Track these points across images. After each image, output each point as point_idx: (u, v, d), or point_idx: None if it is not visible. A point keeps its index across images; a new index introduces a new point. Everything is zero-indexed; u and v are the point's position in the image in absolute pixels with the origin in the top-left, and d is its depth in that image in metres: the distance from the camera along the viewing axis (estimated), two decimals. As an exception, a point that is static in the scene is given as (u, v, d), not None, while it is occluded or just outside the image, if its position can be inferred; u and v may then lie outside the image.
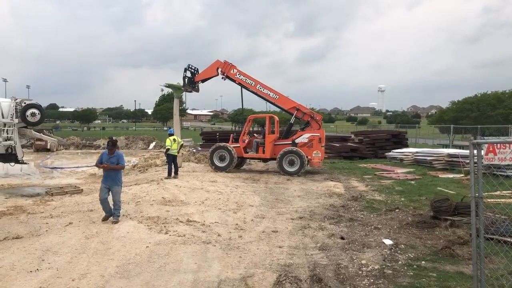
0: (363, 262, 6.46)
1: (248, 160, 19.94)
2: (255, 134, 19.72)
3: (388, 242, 7.49)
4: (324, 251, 7.07)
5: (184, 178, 15.10)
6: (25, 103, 19.25)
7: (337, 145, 25.61)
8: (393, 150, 22.89)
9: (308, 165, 17.39)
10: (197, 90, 20.29)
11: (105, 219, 9.00)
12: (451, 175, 15.87)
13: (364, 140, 25.93)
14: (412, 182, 14.58)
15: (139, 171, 19.57)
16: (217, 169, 17.80)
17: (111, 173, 9.07)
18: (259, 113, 24.67)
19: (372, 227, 8.62)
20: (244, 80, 18.53)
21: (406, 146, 25.59)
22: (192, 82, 19.41)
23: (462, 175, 15.47)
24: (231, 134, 20.24)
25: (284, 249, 7.19)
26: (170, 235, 7.94)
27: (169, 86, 20.05)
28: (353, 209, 10.46)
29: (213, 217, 9.50)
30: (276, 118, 19.00)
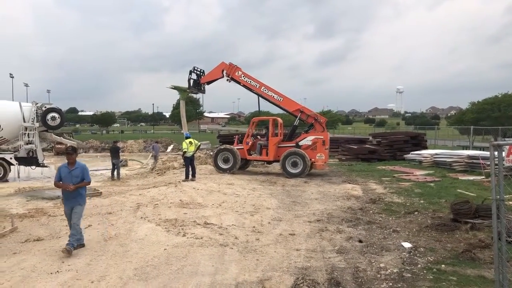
0: (382, 265, 6.38)
1: (254, 162, 20.02)
2: (258, 136, 19.75)
3: (407, 245, 7.39)
4: (342, 254, 7.01)
5: (202, 181, 15.17)
6: (45, 107, 19.66)
7: (355, 147, 25.42)
8: (412, 152, 22.61)
9: (312, 168, 17.39)
10: (203, 92, 20.59)
11: (75, 248, 7.11)
12: (471, 177, 15.59)
13: (382, 142, 25.66)
14: (432, 184, 14.37)
15: (157, 173, 19.73)
16: (221, 170, 17.92)
17: (74, 191, 7.25)
18: (267, 115, 24.62)
19: (391, 230, 8.51)
20: (249, 82, 18.63)
21: (425, 148, 25.23)
22: (197, 84, 19.62)
23: (483, 177, 15.19)
24: (236, 136, 20.35)
25: (302, 252, 7.15)
26: (187, 238, 7.98)
27: (175, 88, 20.24)
28: (371, 211, 10.36)
29: (230, 219, 9.51)
30: (280, 120, 19.02)
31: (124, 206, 11.09)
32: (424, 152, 22.05)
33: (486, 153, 17.66)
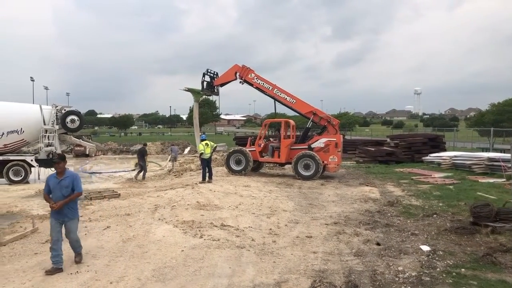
0: (400, 268, 6.32)
1: (270, 164, 20.04)
2: (270, 139, 19.74)
3: (425, 248, 7.31)
4: (359, 257, 6.96)
5: (218, 183, 15.22)
6: (65, 110, 19.97)
7: (372, 149, 25.22)
8: (430, 154, 22.34)
9: (325, 170, 17.32)
10: (217, 94, 20.86)
11: (51, 272, 6.27)
12: (491, 180, 15.33)
13: (400, 144, 25.41)
14: (451, 187, 14.18)
15: (175, 175, 19.87)
16: (233, 172, 18.01)
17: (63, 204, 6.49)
18: (283, 117, 24.63)
19: (409, 233, 8.42)
20: (262, 84, 18.68)
21: (444, 150, 24.89)
22: (211, 86, 19.79)
23: (504, 179, 14.93)
24: (249, 138, 20.41)
25: (319, 254, 7.13)
26: (204, 239, 8.02)
27: (189, 90, 20.41)
28: (389, 214, 10.27)
29: (247, 221, 9.53)
30: (292, 122, 18.99)
31: (142, 207, 11.20)
32: (442, 154, 21.77)
33: (507, 155, 17.36)
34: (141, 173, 19.66)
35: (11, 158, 18.60)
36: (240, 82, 19.09)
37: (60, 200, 6.49)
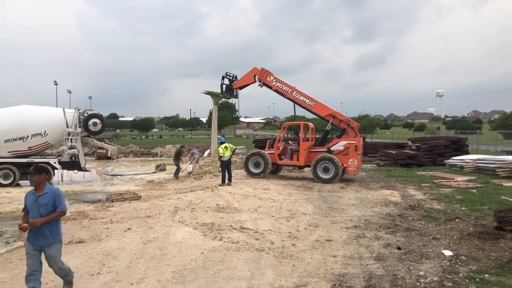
0: (421, 273, 6.22)
1: (289, 167, 19.98)
2: (289, 141, 19.70)
3: (447, 253, 7.18)
4: (380, 261, 6.88)
5: (237, 185, 15.26)
6: (87, 113, 20.32)
7: (394, 152, 24.94)
8: (453, 157, 21.95)
9: (344, 174, 17.18)
10: (236, 97, 20.99)
11: None
12: (516, 184, 14.99)
13: (421, 147, 25.05)
14: (474, 190, 13.91)
15: (194, 178, 20.00)
16: (252, 175, 18.02)
17: (42, 225, 5.33)
18: (302, 120, 24.54)
19: (431, 237, 8.29)
20: (281, 87, 18.65)
21: (467, 153, 24.44)
22: (230, 89, 19.87)
23: (529, 183, 14.57)
24: (268, 140, 20.41)
25: (339, 258, 7.08)
26: (224, 242, 8.05)
27: (208, 93, 20.53)
28: (410, 218, 10.13)
29: (266, 224, 9.53)
30: (311, 125, 18.90)
31: (163, 209, 11.30)
32: (465, 157, 21.37)
33: (533, 159, 16.95)
34: (179, 172, 20.91)
35: (35, 160, 18.98)
36: (259, 85, 19.13)
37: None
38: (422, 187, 15.19)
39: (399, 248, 7.57)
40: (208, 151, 36.96)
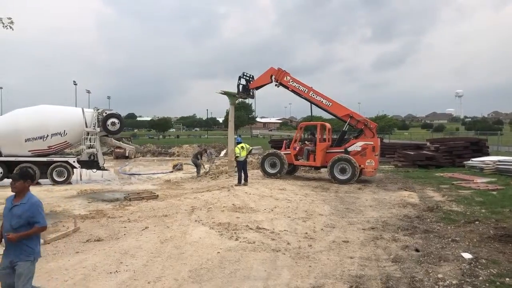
0: (440, 276, 6.13)
1: (306, 167, 19.91)
2: (306, 142, 19.60)
3: (467, 256, 7.06)
4: (397, 263, 6.81)
5: (254, 186, 15.27)
6: (106, 113, 20.58)
7: (412, 153, 24.65)
8: (472, 159, 21.62)
9: (362, 175, 17.04)
10: (252, 97, 21.05)
11: None
12: (538, 186, 14.68)
13: (440, 148, 24.71)
14: (494, 192, 13.67)
15: (211, 178, 20.08)
16: (268, 175, 17.98)
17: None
18: (319, 120, 24.36)
19: (449, 239, 8.16)
20: (297, 87, 18.59)
21: (487, 154, 24.02)
22: (246, 89, 19.89)
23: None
24: (284, 141, 20.38)
25: (355, 260, 7.03)
26: (240, 242, 8.06)
27: (224, 93, 20.60)
28: (428, 220, 9.99)
29: (282, 225, 9.51)
30: (328, 125, 18.80)
31: (179, 209, 11.37)
32: (485, 158, 21.02)
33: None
34: (201, 171, 21.52)
35: (55, 159, 19.32)
36: (276, 85, 19.12)
37: (8, 232, 4.66)
38: (441, 188, 14.99)
39: (417, 250, 7.48)
40: (224, 151, 37.11)
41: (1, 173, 18.63)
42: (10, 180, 4.96)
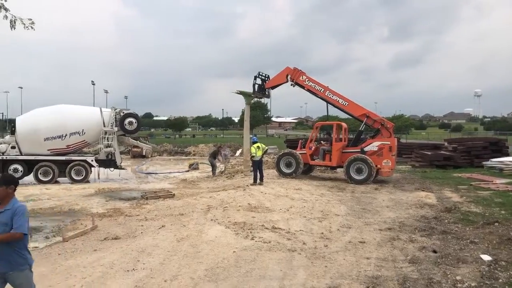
0: (458, 278, 6.06)
1: (322, 167, 19.84)
2: (322, 142, 19.51)
3: (486, 258, 6.95)
4: (414, 264, 6.74)
5: (269, 185, 15.26)
6: (123, 112, 20.79)
7: (429, 153, 24.38)
8: (492, 159, 21.30)
9: (378, 175, 16.89)
10: (268, 96, 21.05)
11: None
12: (560, 187, 14.38)
13: (458, 148, 24.39)
14: (514, 193, 13.44)
15: (227, 177, 20.13)
16: (283, 175, 17.94)
17: (3, 246, 4.23)
18: (335, 120, 24.20)
19: (468, 241, 8.05)
20: (313, 87, 18.48)
21: (507, 154, 23.63)
22: (262, 89, 19.87)
23: None
24: (300, 140, 20.30)
25: (372, 260, 6.98)
26: (256, 241, 8.07)
27: (240, 93, 20.63)
28: (446, 221, 9.87)
29: (298, 225, 9.49)
30: (344, 125, 18.68)
31: (195, 208, 11.43)
32: (505, 159, 20.69)
33: None
34: (215, 170, 21.60)
35: (73, 158, 19.59)
36: (292, 84, 19.06)
37: None
38: (459, 189, 14.79)
39: (434, 252, 7.40)
40: (240, 151, 37.17)
41: (21, 171, 18.94)
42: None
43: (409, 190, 14.90)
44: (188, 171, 24.94)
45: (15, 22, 8.30)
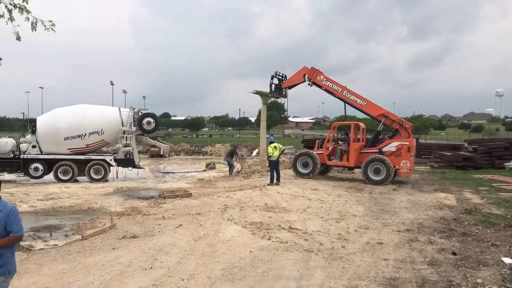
0: (479, 281, 5.94)
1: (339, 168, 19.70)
2: (339, 142, 19.34)
3: (508, 261, 6.81)
4: (433, 266, 6.64)
5: (286, 185, 15.22)
6: (141, 112, 21.00)
7: (449, 154, 24.03)
8: (514, 160, 20.89)
9: (396, 175, 16.69)
10: (285, 96, 20.99)
11: None
12: None
13: (479, 148, 23.97)
14: (537, 195, 13.14)
15: (243, 177, 20.15)
16: (300, 175, 17.84)
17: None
18: (353, 120, 24.00)
19: (489, 243, 7.89)
20: (331, 86, 18.34)
21: (529, 155, 23.15)
22: (279, 88, 19.82)
23: None
24: (317, 141, 20.18)
25: (390, 262, 6.90)
26: (272, 241, 8.05)
27: (257, 92, 20.63)
28: (466, 223, 9.70)
29: (315, 225, 9.44)
30: (362, 125, 18.48)
31: (212, 207, 11.46)
32: (528, 160, 20.26)
33: None
34: (233, 170, 21.58)
35: (92, 157, 19.86)
36: (309, 84, 18.98)
37: None
38: (479, 190, 14.52)
39: (454, 254, 7.28)
40: (256, 151, 37.20)
41: (41, 170, 19.28)
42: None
43: (428, 191, 14.71)
44: (205, 170, 25.06)
45: (36, 24, 8.43)
